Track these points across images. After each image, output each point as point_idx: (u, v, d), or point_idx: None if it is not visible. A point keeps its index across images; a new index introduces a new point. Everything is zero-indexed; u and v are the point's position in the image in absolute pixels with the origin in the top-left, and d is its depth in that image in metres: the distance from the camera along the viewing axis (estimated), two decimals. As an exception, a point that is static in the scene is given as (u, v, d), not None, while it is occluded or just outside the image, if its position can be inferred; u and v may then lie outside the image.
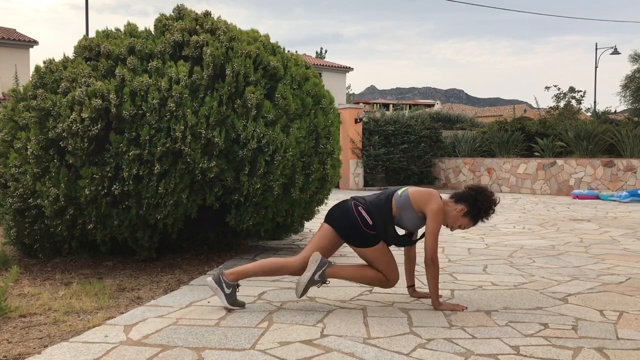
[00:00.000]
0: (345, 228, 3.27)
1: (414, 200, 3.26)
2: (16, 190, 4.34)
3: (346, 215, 3.28)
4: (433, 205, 3.23)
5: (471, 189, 3.35)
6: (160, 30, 4.96)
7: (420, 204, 3.25)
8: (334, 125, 5.10)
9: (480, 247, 5.60)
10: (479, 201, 3.28)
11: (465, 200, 3.30)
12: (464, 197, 3.32)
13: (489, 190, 3.36)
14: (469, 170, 14.86)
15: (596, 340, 2.75)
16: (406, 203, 3.26)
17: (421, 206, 3.25)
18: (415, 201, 3.26)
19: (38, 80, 4.58)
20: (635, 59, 22.33)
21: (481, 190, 3.33)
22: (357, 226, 3.23)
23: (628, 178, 11.98)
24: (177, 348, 2.62)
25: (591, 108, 22.07)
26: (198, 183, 4.30)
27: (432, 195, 3.27)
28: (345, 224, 3.27)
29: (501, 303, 3.43)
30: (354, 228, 3.24)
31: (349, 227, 3.25)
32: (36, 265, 4.57)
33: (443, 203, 3.30)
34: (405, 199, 3.27)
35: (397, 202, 3.28)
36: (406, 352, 2.59)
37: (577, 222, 7.76)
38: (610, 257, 5.04)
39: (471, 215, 3.30)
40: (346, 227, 3.27)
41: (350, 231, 3.26)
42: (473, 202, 3.28)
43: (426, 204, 3.24)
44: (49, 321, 3.04)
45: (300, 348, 2.63)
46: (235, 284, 3.26)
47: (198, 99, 4.31)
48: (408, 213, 3.27)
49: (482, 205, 3.28)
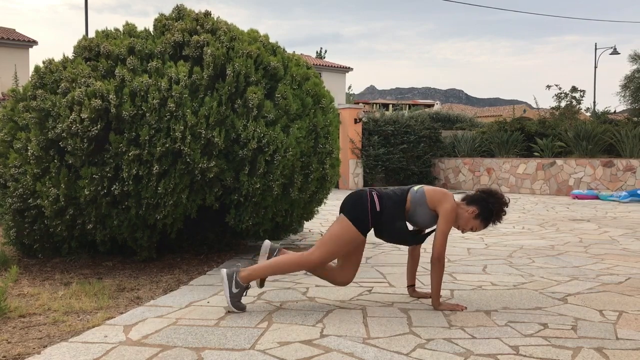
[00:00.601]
0: (349, 203, 3.29)
1: (429, 197, 3.28)
2: (16, 190, 4.34)
3: (359, 195, 3.30)
4: (447, 205, 3.25)
5: (483, 191, 3.38)
6: (160, 30, 4.96)
7: (435, 202, 3.27)
8: (333, 125, 5.10)
9: (479, 247, 5.60)
10: (490, 203, 3.30)
11: (477, 202, 3.32)
12: (475, 200, 3.34)
13: (500, 192, 3.39)
14: (469, 171, 14.86)
15: (596, 340, 2.75)
16: (421, 199, 3.28)
17: (435, 204, 3.27)
18: (430, 198, 3.28)
19: (38, 80, 4.58)
20: (635, 59, 22.33)
21: (492, 193, 3.36)
22: (364, 204, 3.24)
23: (627, 178, 11.99)
24: (176, 348, 2.62)
25: (590, 108, 22.09)
26: (198, 183, 4.30)
27: (447, 196, 3.30)
28: (354, 200, 3.29)
29: (501, 303, 3.43)
30: (359, 204, 3.26)
31: (356, 203, 3.27)
32: (36, 265, 4.57)
33: (456, 204, 3.31)
34: (420, 195, 3.30)
35: (412, 197, 3.30)
36: (406, 352, 2.59)
37: (576, 222, 7.76)
38: (609, 257, 5.04)
39: (482, 217, 3.32)
40: (352, 203, 3.28)
41: (352, 205, 3.27)
42: (484, 204, 3.31)
43: (440, 202, 3.26)
44: (48, 321, 3.04)
45: (299, 348, 2.63)
46: (246, 285, 3.23)
47: (198, 99, 4.32)
48: (421, 209, 3.29)
49: (494, 207, 3.30)
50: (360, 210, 3.24)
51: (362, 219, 3.23)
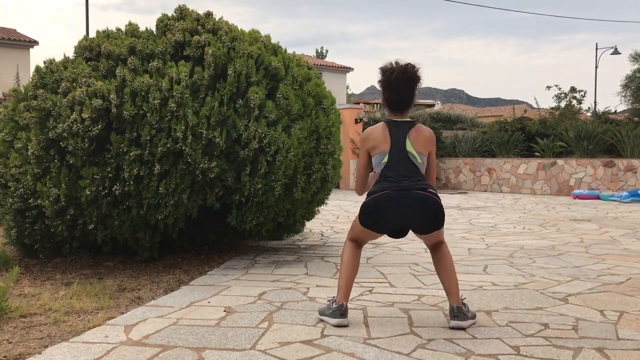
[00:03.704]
0: (441, 214, 3.03)
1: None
2: (17, 190, 4.34)
3: (441, 205, 3.07)
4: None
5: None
6: (162, 30, 4.97)
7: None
8: (335, 126, 5.11)
9: (480, 247, 5.60)
10: (380, 82, 3.10)
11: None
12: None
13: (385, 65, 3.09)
14: (469, 171, 14.86)
15: (597, 341, 2.75)
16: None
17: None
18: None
19: (38, 80, 4.59)
20: (636, 59, 22.33)
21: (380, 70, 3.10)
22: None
23: (628, 178, 11.98)
24: (177, 348, 2.62)
25: (591, 108, 22.08)
26: (199, 183, 4.30)
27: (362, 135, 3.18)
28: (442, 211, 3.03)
29: (501, 303, 3.43)
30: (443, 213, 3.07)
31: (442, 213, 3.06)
32: (36, 265, 4.57)
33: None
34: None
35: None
36: (406, 352, 2.59)
37: (577, 222, 7.76)
38: (610, 257, 5.04)
39: (384, 96, 3.12)
40: (442, 215, 3.04)
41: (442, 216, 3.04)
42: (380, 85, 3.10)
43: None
44: (49, 321, 3.04)
45: (300, 348, 2.63)
46: (341, 304, 3.00)
47: (199, 99, 4.32)
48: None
49: (380, 81, 3.09)
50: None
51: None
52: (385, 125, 3.09)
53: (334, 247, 5.54)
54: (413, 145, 3.00)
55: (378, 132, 3.08)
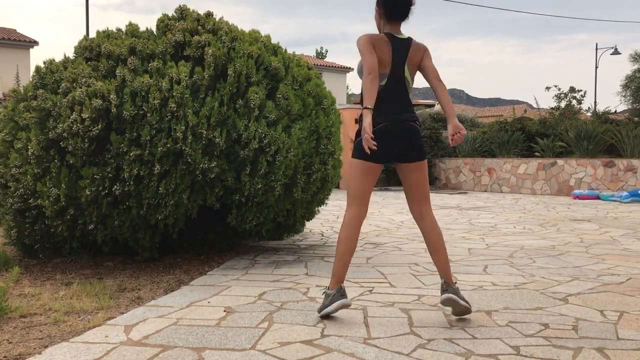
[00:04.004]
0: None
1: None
2: (17, 190, 4.34)
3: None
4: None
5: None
6: (162, 30, 4.97)
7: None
8: (335, 126, 5.11)
9: (480, 247, 5.60)
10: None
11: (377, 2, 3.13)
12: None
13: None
14: (470, 171, 14.86)
15: (597, 341, 2.75)
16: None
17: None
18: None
19: (38, 80, 4.59)
20: (636, 59, 22.35)
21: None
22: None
23: (628, 178, 11.98)
24: (177, 348, 2.62)
25: (591, 108, 22.10)
26: (199, 183, 4.30)
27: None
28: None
29: (501, 303, 3.43)
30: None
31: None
32: (37, 265, 4.57)
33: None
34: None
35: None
36: (406, 352, 2.59)
37: (577, 222, 7.76)
38: (610, 257, 5.04)
39: (382, 10, 3.10)
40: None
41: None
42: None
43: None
44: (49, 321, 3.04)
45: (300, 348, 2.63)
46: (338, 287, 3.08)
47: (199, 99, 4.32)
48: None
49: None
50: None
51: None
52: (388, 41, 3.06)
53: (334, 247, 5.54)
54: (409, 70, 3.10)
55: (383, 46, 3.03)
